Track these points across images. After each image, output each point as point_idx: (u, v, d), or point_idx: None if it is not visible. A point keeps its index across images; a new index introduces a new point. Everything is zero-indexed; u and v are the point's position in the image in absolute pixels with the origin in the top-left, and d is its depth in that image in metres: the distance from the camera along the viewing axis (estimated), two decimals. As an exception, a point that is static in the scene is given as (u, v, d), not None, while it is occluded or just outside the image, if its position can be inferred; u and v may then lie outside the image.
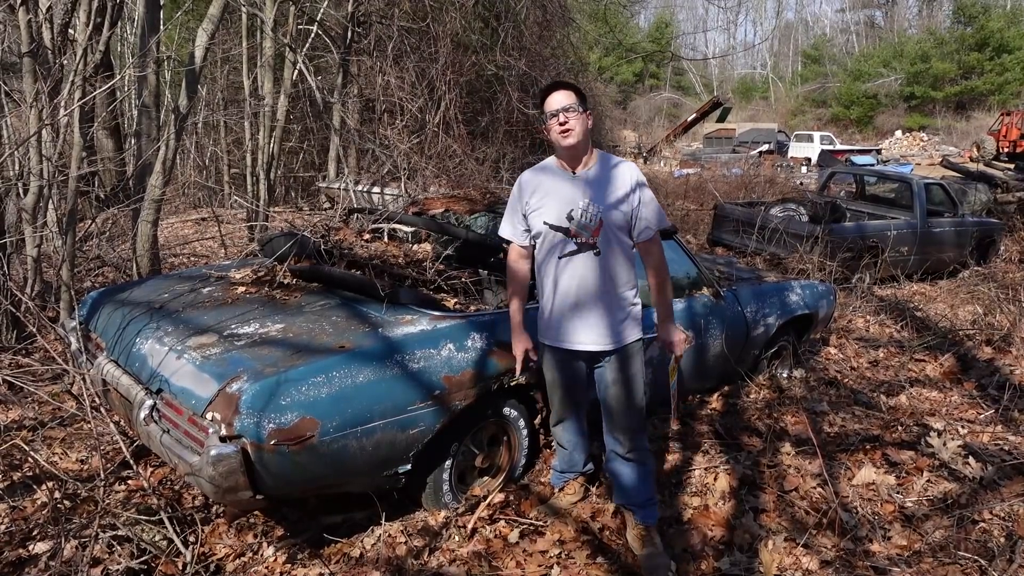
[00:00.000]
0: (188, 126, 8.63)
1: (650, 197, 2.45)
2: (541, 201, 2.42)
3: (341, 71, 9.66)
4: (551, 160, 2.49)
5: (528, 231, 2.48)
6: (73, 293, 4.15)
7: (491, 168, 9.18)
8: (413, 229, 3.80)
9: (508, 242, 2.59)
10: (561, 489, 2.86)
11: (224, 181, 11.11)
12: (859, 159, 21.65)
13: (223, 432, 2.13)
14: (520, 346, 2.57)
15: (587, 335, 2.45)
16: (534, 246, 2.51)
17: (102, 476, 2.57)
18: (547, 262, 2.46)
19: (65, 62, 4.57)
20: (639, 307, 2.53)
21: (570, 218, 2.37)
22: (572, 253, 2.39)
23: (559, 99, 2.33)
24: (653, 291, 2.55)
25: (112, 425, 2.70)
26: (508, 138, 10.74)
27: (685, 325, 3.42)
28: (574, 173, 2.40)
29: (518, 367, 2.57)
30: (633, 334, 2.50)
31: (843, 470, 3.17)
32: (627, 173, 2.42)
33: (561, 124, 2.31)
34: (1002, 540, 2.62)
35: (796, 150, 24.78)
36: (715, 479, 3.05)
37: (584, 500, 2.85)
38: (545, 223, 2.40)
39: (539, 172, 2.49)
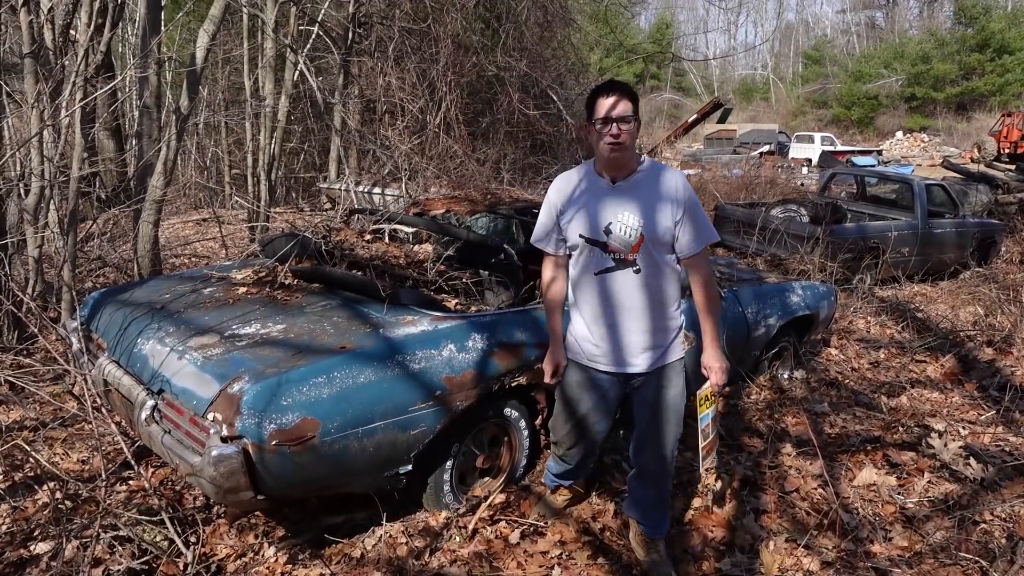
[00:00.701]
0: (189, 127, 8.65)
1: (697, 209, 2.23)
2: (577, 212, 2.24)
3: (342, 72, 9.67)
4: (589, 166, 2.29)
5: (564, 241, 2.31)
6: (74, 294, 4.15)
7: (492, 169, 9.19)
8: (414, 230, 3.80)
9: (542, 252, 2.41)
10: (554, 491, 2.81)
11: (225, 182, 11.12)
12: (860, 160, 21.63)
13: (224, 432, 2.13)
14: (554, 361, 2.41)
15: (624, 357, 2.29)
16: (570, 255, 2.34)
17: (103, 476, 2.57)
18: (582, 277, 2.29)
19: (66, 63, 4.57)
20: (681, 325, 2.36)
21: (608, 232, 2.19)
22: (609, 269, 2.22)
23: (616, 106, 2.09)
24: (700, 311, 2.34)
25: (113, 425, 2.70)
26: (509, 139, 10.74)
27: (686, 326, 3.41)
28: (613, 183, 2.22)
29: (547, 379, 2.44)
30: (674, 353, 2.34)
31: (844, 471, 3.17)
32: (672, 183, 2.20)
33: (613, 136, 2.10)
34: (1003, 541, 2.62)
35: (797, 151, 24.76)
36: (716, 480, 3.04)
37: (578, 502, 2.83)
38: (581, 236, 2.23)
39: (575, 178, 2.30)
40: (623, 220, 2.19)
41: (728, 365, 2.37)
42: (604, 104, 2.11)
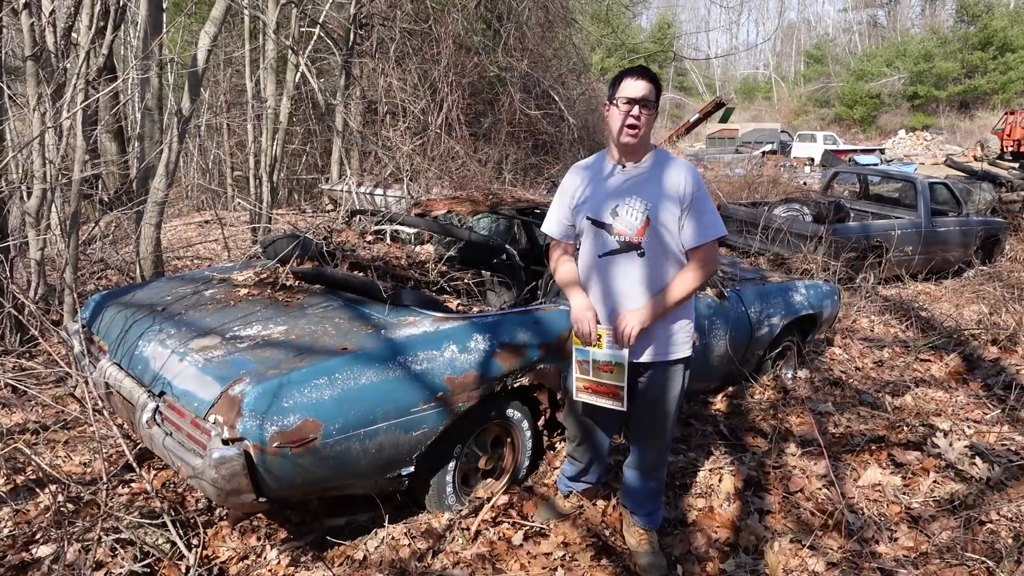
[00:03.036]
0: (191, 129, 8.66)
1: (705, 203, 2.18)
2: (586, 194, 2.26)
3: (343, 73, 9.68)
4: (602, 153, 2.33)
5: (573, 227, 2.33)
6: (76, 296, 4.15)
7: (494, 169, 9.20)
8: (416, 231, 3.79)
9: (547, 237, 2.43)
10: (566, 496, 2.79)
11: (227, 183, 11.13)
12: (862, 159, 21.59)
13: (226, 435, 2.13)
14: (589, 316, 2.21)
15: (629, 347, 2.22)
16: (576, 244, 2.36)
17: (105, 479, 2.56)
18: (588, 261, 2.29)
19: (68, 65, 4.57)
20: (690, 319, 2.31)
21: (614, 214, 2.19)
22: (613, 252, 2.20)
23: (638, 88, 2.10)
24: (672, 284, 2.20)
25: (115, 428, 2.70)
26: (511, 139, 10.74)
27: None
28: (623, 167, 2.23)
29: (593, 334, 2.22)
30: (680, 350, 2.29)
31: (849, 471, 3.15)
32: (682, 173, 2.18)
33: (634, 116, 2.10)
34: (1010, 541, 2.60)
35: (799, 150, 24.71)
36: (720, 480, 3.03)
37: (583, 507, 2.80)
38: (588, 218, 2.24)
39: (588, 164, 2.35)
40: (630, 203, 2.18)
41: (634, 332, 2.15)
42: (631, 85, 2.13)
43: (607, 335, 2.23)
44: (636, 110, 2.11)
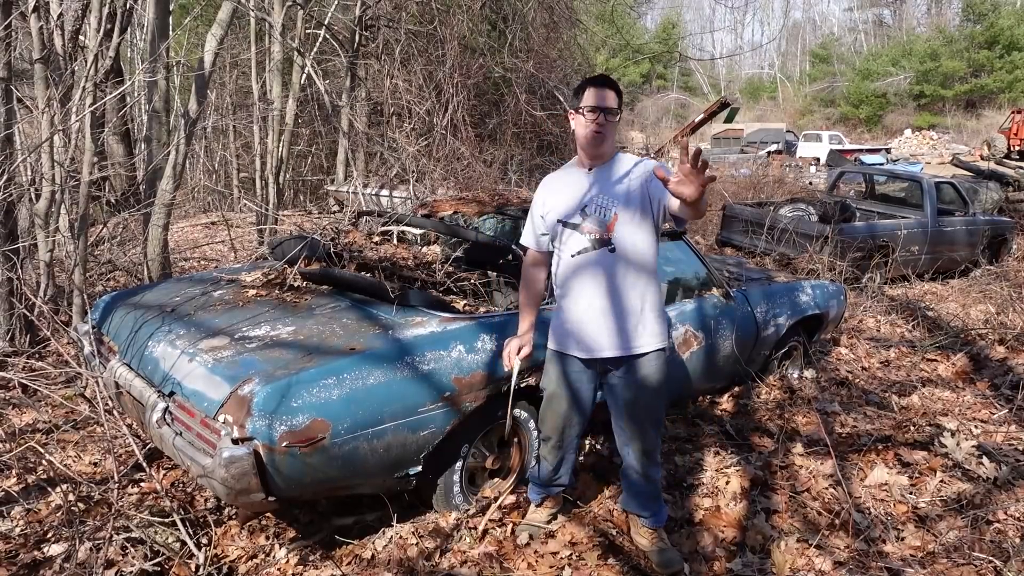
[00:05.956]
0: (198, 131, 8.69)
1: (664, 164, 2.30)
2: (554, 198, 2.36)
3: (349, 74, 9.70)
4: (572, 161, 2.43)
5: (544, 234, 2.41)
6: (85, 297, 4.18)
7: (499, 170, 9.20)
8: (422, 231, 3.81)
9: (524, 248, 2.55)
10: (540, 504, 2.71)
11: (234, 185, 11.18)
12: (868, 158, 21.53)
13: (235, 434, 2.14)
14: (515, 342, 2.43)
15: (600, 341, 2.29)
16: (550, 252, 2.43)
17: (115, 478, 2.58)
18: (561, 262, 2.35)
19: (76, 68, 4.60)
20: (661, 312, 2.37)
21: (584, 214, 2.27)
22: (585, 251, 2.27)
23: (604, 97, 2.21)
24: None
25: (125, 428, 2.72)
26: (516, 140, 10.74)
27: (695, 326, 3.41)
28: (590, 169, 2.33)
29: (507, 363, 2.43)
30: (652, 342, 2.31)
31: (855, 471, 3.15)
32: (640, 162, 2.31)
33: (599, 124, 2.21)
34: (1017, 540, 2.60)
35: (805, 150, 24.62)
36: (726, 480, 3.03)
37: (560, 514, 2.75)
38: (558, 221, 2.31)
39: (558, 174, 2.46)
40: (599, 201, 2.27)
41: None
42: (594, 95, 2.22)
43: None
44: (601, 118, 2.21)
